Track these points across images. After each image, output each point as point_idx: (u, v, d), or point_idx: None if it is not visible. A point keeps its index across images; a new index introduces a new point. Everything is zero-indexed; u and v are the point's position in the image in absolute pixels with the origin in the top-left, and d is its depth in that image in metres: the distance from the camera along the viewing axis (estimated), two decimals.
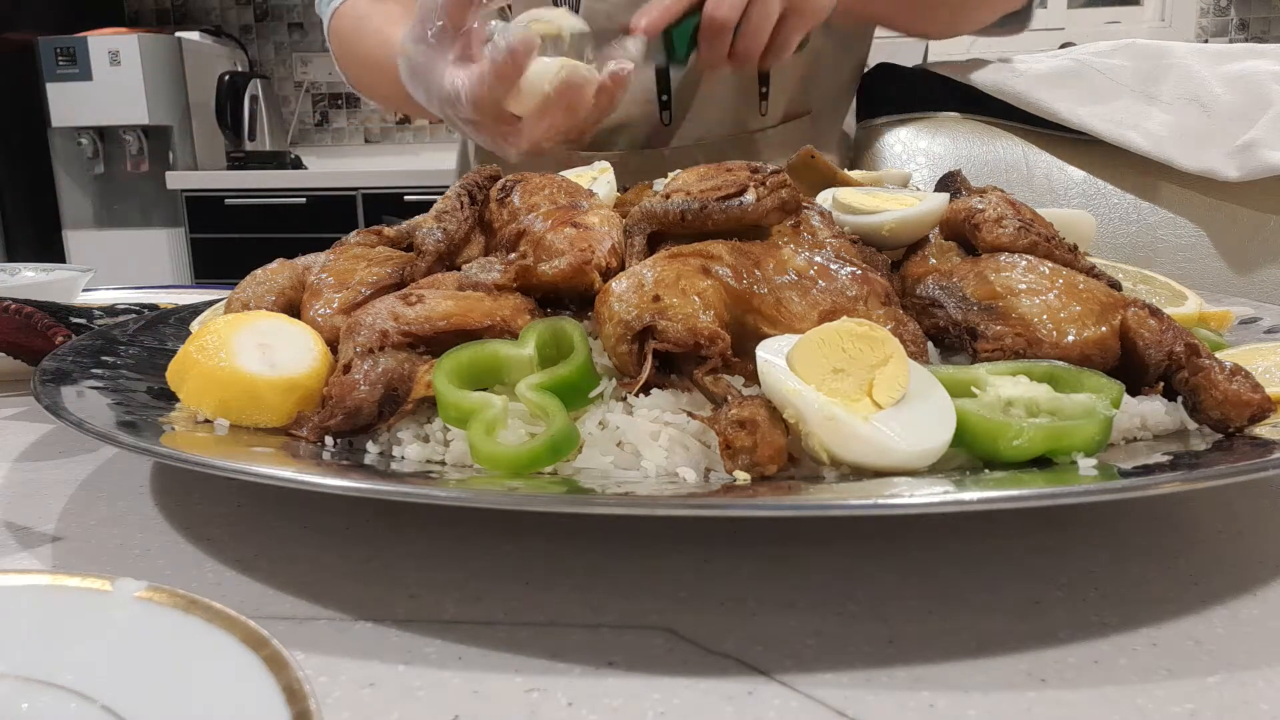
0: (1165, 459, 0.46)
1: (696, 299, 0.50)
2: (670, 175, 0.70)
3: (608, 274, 0.57)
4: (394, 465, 0.49)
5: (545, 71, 0.80)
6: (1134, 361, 0.53)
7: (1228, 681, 0.37)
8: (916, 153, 1.28)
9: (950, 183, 0.73)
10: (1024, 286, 0.55)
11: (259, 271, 0.68)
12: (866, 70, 1.35)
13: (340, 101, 4.24)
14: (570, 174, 0.74)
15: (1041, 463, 0.45)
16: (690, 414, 0.48)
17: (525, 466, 0.45)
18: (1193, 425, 0.52)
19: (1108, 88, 1.25)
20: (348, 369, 0.52)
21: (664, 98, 1.14)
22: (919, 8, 1.17)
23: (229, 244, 3.67)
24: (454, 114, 0.87)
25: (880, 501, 0.39)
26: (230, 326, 0.56)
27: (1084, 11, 3.41)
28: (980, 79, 1.28)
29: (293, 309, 0.64)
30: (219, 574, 0.47)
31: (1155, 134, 1.20)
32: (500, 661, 0.39)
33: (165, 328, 0.76)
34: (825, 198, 0.68)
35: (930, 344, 0.56)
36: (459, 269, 0.61)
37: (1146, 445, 0.49)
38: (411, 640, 0.41)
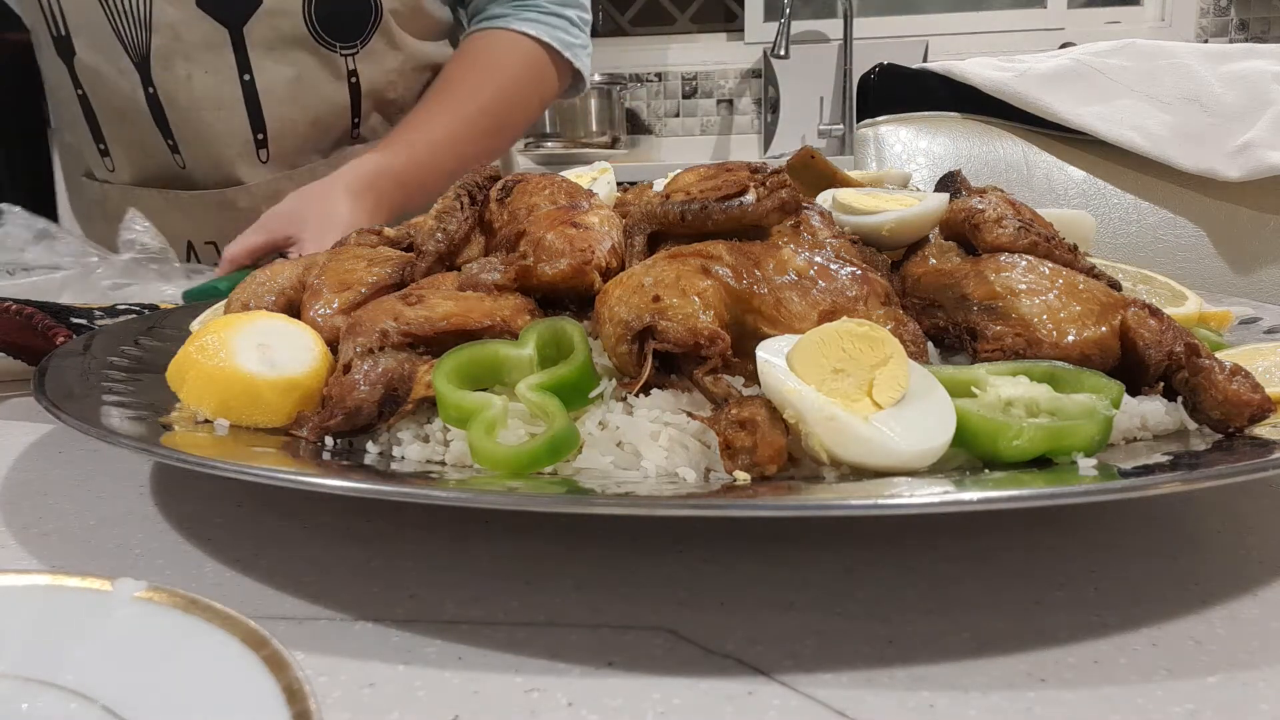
0: (1165, 459, 0.46)
1: (696, 299, 0.50)
2: (670, 175, 0.70)
3: (608, 274, 0.57)
4: (394, 465, 0.49)
5: None
6: (1134, 361, 0.53)
7: (1228, 681, 0.37)
8: (916, 153, 1.28)
9: (950, 183, 0.73)
10: (1024, 287, 0.55)
11: (259, 271, 0.68)
12: (866, 71, 1.35)
13: None
14: (570, 174, 0.74)
15: (1041, 463, 0.45)
16: (690, 414, 0.48)
17: (525, 466, 0.45)
18: (1193, 425, 0.52)
19: (1108, 88, 1.25)
20: (348, 369, 0.52)
21: (259, 135, 1.19)
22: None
23: None
24: None
25: (880, 501, 0.39)
26: (230, 326, 0.56)
27: (1084, 11, 3.40)
28: (980, 79, 1.28)
29: (293, 309, 0.64)
30: (219, 574, 0.47)
31: (1155, 134, 1.20)
32: (500, 661, 0.39)
33: (165, 328, 0.76)
34: (825, 198, 0.68)
35: (930, 344, 0.56)
36: (459, 269, 0.61)
37: (1146, 445, 0.49)
38: (411, 640, 0.41)
